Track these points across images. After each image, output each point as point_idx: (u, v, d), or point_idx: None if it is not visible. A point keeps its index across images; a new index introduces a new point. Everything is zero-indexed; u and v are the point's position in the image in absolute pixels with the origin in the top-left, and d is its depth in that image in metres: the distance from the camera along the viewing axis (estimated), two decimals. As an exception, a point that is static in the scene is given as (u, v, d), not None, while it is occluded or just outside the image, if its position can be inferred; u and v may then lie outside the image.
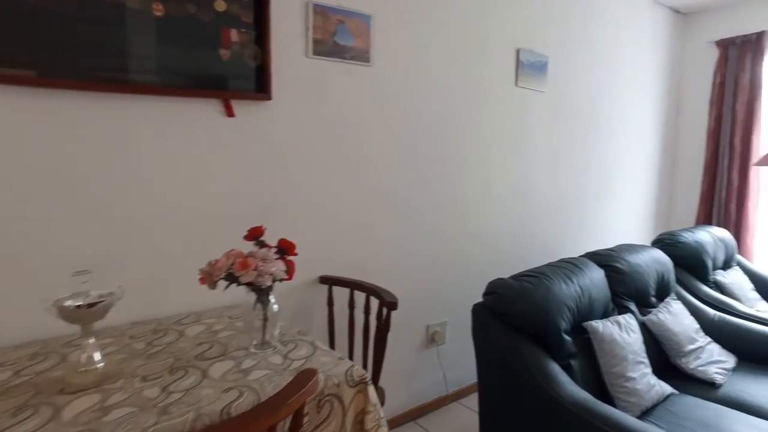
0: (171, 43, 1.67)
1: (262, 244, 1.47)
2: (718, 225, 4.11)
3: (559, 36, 3.13)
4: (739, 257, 3.25)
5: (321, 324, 2.17)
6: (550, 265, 2.03)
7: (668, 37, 4.24)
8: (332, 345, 2.13)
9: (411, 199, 2.45)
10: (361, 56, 2.17)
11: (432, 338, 2.65)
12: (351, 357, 2.07)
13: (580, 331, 1.93)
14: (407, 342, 2.56)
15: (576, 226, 3.49)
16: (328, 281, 2.11)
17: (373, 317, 1.93)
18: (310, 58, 2.03)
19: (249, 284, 1.36)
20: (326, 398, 1.25)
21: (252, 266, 1.34)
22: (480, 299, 1.89)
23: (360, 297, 2.11)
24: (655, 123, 4.23)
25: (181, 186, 1.75)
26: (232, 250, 1.41)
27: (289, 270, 1.45)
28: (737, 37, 4.02)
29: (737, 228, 4.05)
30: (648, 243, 3.04)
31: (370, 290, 1.95)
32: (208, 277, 1.37)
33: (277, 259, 1.42)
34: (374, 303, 1.96)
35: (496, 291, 1.81)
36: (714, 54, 4.18)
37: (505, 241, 2.96)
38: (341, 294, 2.15)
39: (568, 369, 1.78)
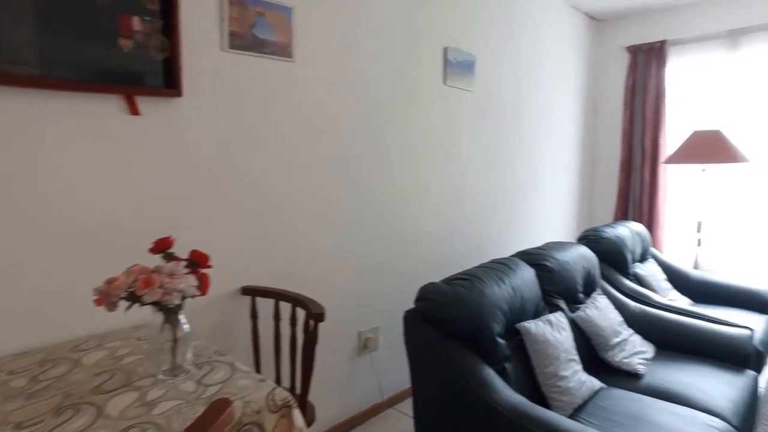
0: (56, 29, 1.45)
1: (170, 257, 1.30)
2: (634, 219, 4.36)
3: (486, 36, 3.16)
4: (653, 250, 3.44)
5: (244, 339, 2.01)
6: (482, 266, 2.01)
7: (585, 41, 4.44)
8: (257, 361, 1.98)
9: (338, 203, 2.34)
10: (283, 51, 2.04)
11: (365, 345, 2.56)
12: (278, 372, 1.93)
13: (513, 333, 1.91)
14: (339, 350, 2.45)
15: (506, 226, 3.54)
16: (251, 292, 1.96)
17: (300, 329, 1.80)
18: (226, 52, 1.87)
19: (154, 304, 1.20)
20: (245, 427, 1.12)
21: (157, 283, 1.18)
22: (412, 302, 1.82)
23: (286, 308, 1.97)
24: (576, 123, 4.41)
25: (76, 192, 1.54)
26: (134, 265, 1.24)
27: (203, 284, 1.30)
28: (644, 44, 4.27)
29: (650, 222, 4.31)
30: (573, 239, 3.14)
31: (296, 300, 1.82)
32: (106, 298, 1.19)
33: (187, 273, 1.26)
34: (301, 314, 1.83)
35: (427, 297, 1.74)
36: (626, 59, 4.43)
37: (438, 242, 2.93)
38: (266, 305, 2.01)
39: (502, 373, 1.75)
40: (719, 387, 2.04)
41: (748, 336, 2.31)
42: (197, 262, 1.32)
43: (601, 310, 2.29)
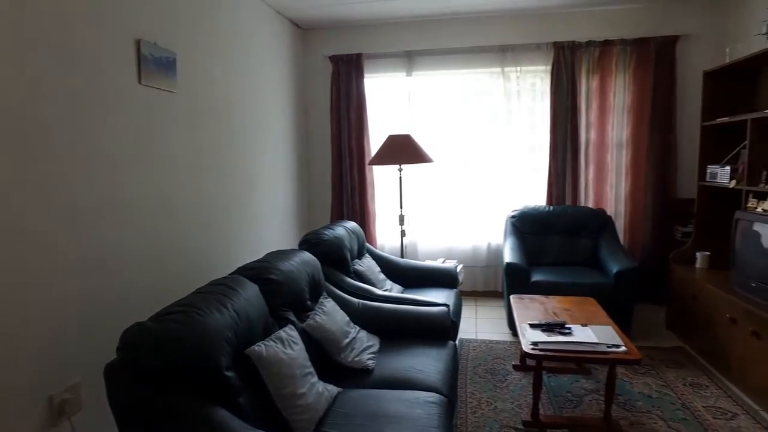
0: None
1: None
2: (349, 218, 4.70)
3: (188, 34, 2.85)
4: (368, 245, 3.74)
5: None
6: (198, 292, 1.74)
7: (293, 48, 4.53)
8: None
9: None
10: None
11: (60, 410, 1.97)
12: None
13: (243, 360, 1.72)
14: (16, 430, 1.81)
15: (227, 239, 3.30)
16: None
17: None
18: None
19: None
20: None
21: None
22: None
23: None
24: (290, 129, 4.47)
25: None
26: None
27: None
28: (344, 55, 4.64)
29: (362, 218, 4.72)
30: (296, 245, 3.13)
31: None
32: None
33: None
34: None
35: (133, 343, 1.40)
36: (330, 68, 4.72)
37: (145, 267, 2.49)
38: None
39: (237, 409, 1.55)
40: (431, 363, 2.30)
41: (446, 312, 2.69)
42: None
43: (329, 314, 2.31)
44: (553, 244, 4.11)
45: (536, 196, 4.53)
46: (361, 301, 2.75)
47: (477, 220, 4.69)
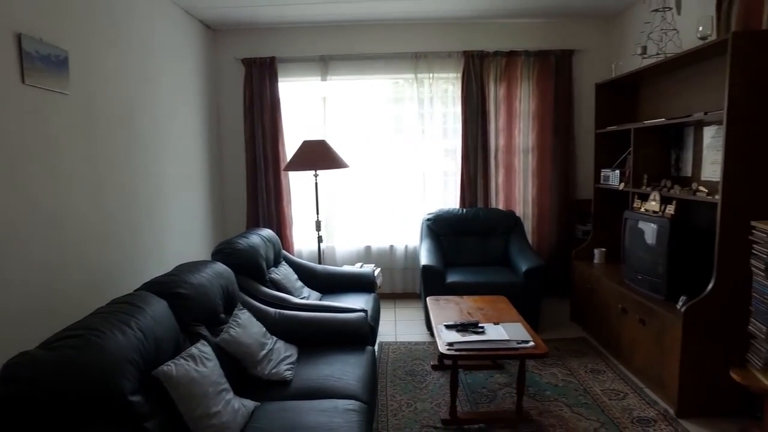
0: None
1: None
2: (265, 225, 4.58)
3: (82, 30, 2.63)
4: (284, 252, 3.66)
5: None
6: (97, 313, 1.61)
7: (203, 50, 4.34)
8: None
9: None
10: None
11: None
12: None
13: (151, 382, 1.61)
14: None
15: (131, 254, 3.07)
16: None
17: None
18: None
19: None
20: None
21: None
22: None
23: None
24: (201, 134, 4.27)
25: None
26: None
27: None
28: (257, 58, 4.52)
29: (279, 225, 4.63)
30: (209, 256, 2.99)
31: None
32: None
33: None
34: None
35: (17, 376, 1.26)
36: (242, 71, 4.57)
37: (34, 287, 2.25)
38: None
39: (144, 437, 1.45)
40: (350, 370, 2.30)
41: (363, 318, 2.71)
42: None
43: (244, 327, 2.23)
44: (467, 245, 4.28)
45: (451, 199, 4.70)
46: (278, 310, 2.69)
47: (395, 224, 4.77)
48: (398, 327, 4.08)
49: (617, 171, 3.66)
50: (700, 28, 2.85)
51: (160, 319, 1.76)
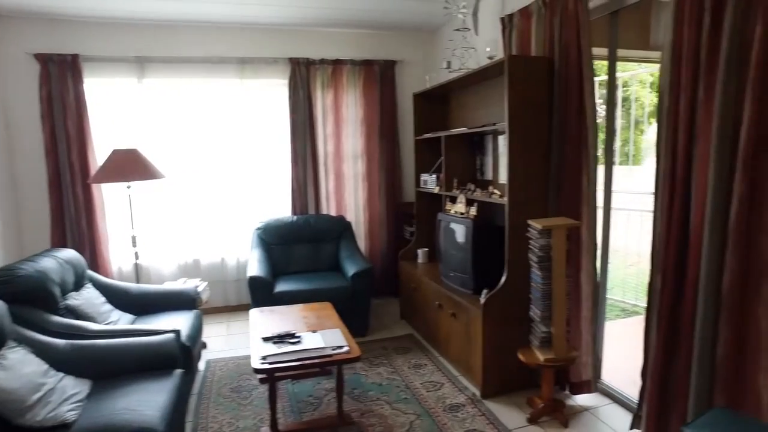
0: None
1: None
2: (74, 243, 4.06)
3: None
4: (90, 273, 3.27)
5: None
6: None
7: (-26, 41, 3.68)
8: None
9: None
10: None
11: None
12: None
13: None
14: None
15: None
16: None
17: None
18: None
19: None
20: None
21: None
22: None
23: None
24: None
25: None
26: None
27: None
28: (55, 54, 3.98)
29: (91, 242, 4.14)
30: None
31: None
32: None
33: None
34: None
35: None
36: (37, 68, 3.99)
37: None
38: None
39: None
40: (151, 398, 2.12)
41: (173, 339, 2.53)
42: None
43: (11, 369, 1.92)
44: (299, 252, 4.27)
45: (282, 207, 4.64)
46: (69, 341, 2.39)
47: (224, 235, 4.56)
48: (230, 342, 3.91)
49: (434, 175, 3.94)
50: (488, 49, 3.20)
51: None
